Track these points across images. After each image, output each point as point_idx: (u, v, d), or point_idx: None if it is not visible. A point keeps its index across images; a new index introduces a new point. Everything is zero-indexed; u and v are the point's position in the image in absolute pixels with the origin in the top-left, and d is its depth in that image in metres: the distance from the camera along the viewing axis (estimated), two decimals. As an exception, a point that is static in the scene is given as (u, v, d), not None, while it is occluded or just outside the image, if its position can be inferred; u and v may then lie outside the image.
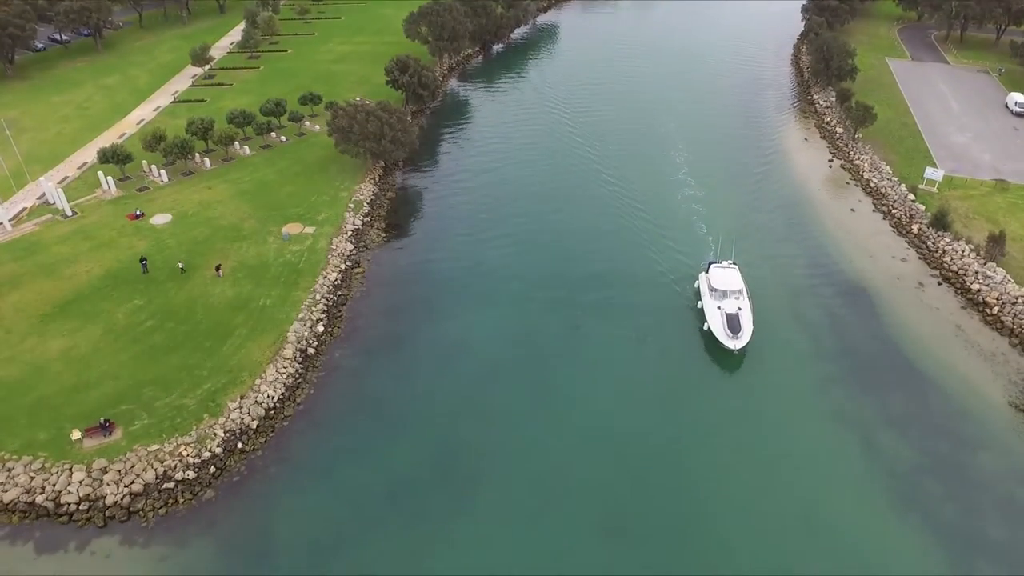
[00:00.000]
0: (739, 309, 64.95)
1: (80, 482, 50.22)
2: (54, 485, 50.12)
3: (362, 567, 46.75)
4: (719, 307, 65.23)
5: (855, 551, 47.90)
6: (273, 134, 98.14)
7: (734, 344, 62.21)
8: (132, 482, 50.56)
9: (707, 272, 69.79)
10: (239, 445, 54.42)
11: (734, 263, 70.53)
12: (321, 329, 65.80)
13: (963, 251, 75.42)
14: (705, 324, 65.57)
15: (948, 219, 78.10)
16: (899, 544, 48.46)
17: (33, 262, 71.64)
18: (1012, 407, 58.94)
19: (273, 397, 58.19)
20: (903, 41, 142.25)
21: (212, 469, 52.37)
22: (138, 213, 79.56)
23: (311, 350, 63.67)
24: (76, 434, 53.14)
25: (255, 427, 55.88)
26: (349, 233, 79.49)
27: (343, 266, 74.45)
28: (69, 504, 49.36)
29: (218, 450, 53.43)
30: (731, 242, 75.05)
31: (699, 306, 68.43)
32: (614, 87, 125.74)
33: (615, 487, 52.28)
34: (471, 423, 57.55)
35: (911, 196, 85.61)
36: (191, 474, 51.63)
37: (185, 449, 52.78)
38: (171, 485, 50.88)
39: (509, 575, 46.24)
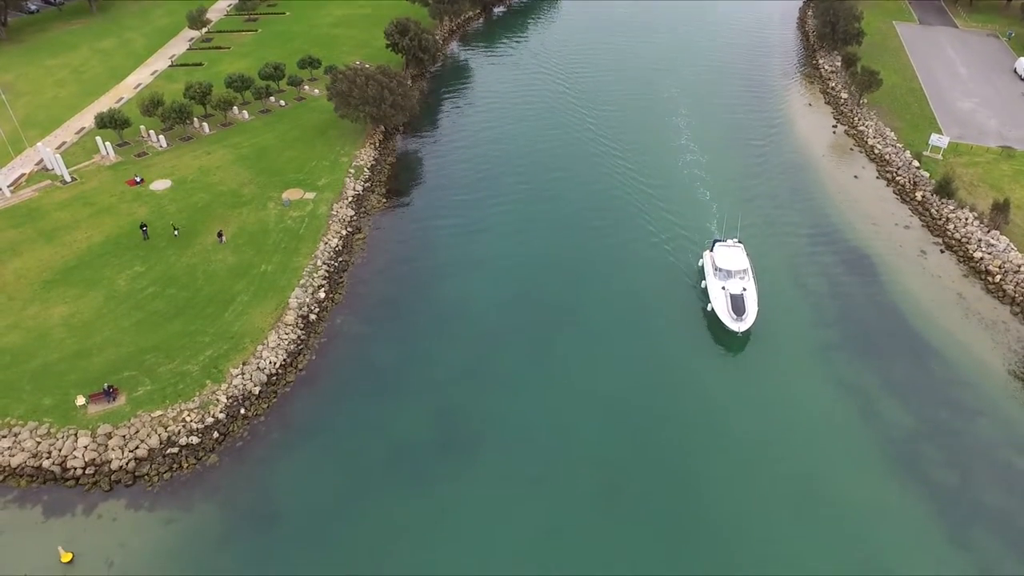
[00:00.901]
0: (744, 290, 63.49)
1: (85, 447, 50.73)
2: (60, 450, 50.65)
3: (363, 530, 47.48)
4: (723, 287, 63.92)
5: (852, 517, 48.54)
6: (272, 98, 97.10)
7: (738, 326, 61.08)
8: (137, 447, 51.07)
9: (711, 251, 68.06)
10: (242, 411, 54.83)
11: (739, 241, 68.78)
12: (323, 295, 65.85)
13: (967, 219, 75.05)
14: (709, 305, 64.33)
15: (952, 186, 77.55)
16: (896, 510, 49.07)
17: (33, 228, 71.42)
18: (1012, 375, 59.19)
19: (275, 363, 58.45)
20: (911, 4, 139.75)
21: (215, 434, 52.87)
22: (137, 179, 79.09)
23: (313, 316, 63.80)
24: (80, 400, 53.54)
25: (257, 393, 56.25)
26: (350, 199, 79.11)
27: (344, 232, 74.24)
28: (75, 468, 49.95)
29: (221, 416, 53.86)
30: (736, 219, 73.86)
31: (703, 286, 67.03)
32: (616, 50, 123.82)
33: (614, 453, 52.78)
34: (471, 388, 57.94)
35: (915, 163, 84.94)
36: (195, 439, 52.12)
37: (188, 415, 53.20)
38: (175, 450, 51.41)
39: (508, 538, 47.00)
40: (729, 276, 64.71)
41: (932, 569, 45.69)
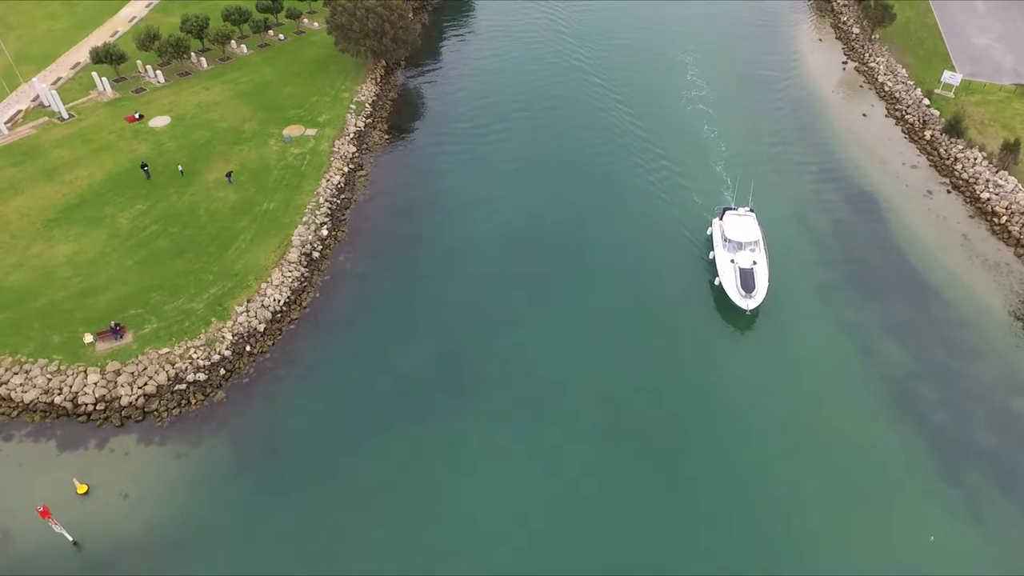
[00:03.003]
0: (754, 263, 59.63)
1: (95, 383, 51.63)
2: (71, 387, 51.57)
3: (368, 465, 48.66)
4: (732, 260, 60.13)
5: (846, 453, 49.53)
6: (271, 32, 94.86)
7: (747, 304, 57.46)
8: (145, 384, 51.96)
9: (721, 220, 63.81)
10: (247, 348, 55.54)
11: (752, 209, 64.42)
12: (325, 233, 65.83)
13: (975, 159, 74.05)
14: (716, 279, 61.26)
15: (962, 126, 76.23)
16: (889, 446, 50.05)
17: (33, 167, 70.92)
18: (1012, 317, 59.41)
19: (279, 301, 58.90)
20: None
21: (222, 371, 53.70)
22: (137, 115, 78.06)
23: (316, 254, 63.94)
24: (88, 338, 54.20)
25: (262, 330, 56.86)
26: (351, 135, 78.23)
27: (346, 169, 73.69)
28: (86, 404, 50.97)
29: (227, 353, 54.59)
30: (748, 183, 69.98)
31: (710, 257, 63.65)
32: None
33: (614, 391, 53.61)
34: (475, 325, 58.45)
35: (926, 101, 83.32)
36: (202, 376, 52.96)
37: (195, 352, 53.92)
38: (183, 387, 52.32)
39: (510, 473, 48.22)
40: (739, 248, 60.78)
41: (922, 503, 46.87)
